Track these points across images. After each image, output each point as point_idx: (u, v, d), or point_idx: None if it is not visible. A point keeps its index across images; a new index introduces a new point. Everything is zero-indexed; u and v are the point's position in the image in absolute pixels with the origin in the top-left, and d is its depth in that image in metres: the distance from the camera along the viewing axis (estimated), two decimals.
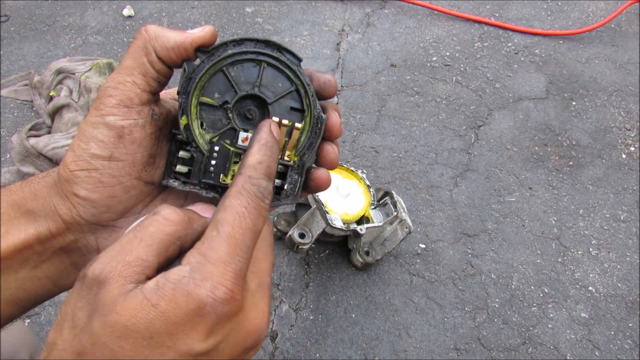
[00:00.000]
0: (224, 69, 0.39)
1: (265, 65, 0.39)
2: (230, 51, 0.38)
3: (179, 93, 0.39)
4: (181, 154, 0.40)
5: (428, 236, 1.67)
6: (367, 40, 2.33)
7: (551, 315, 1.52)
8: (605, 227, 1.73)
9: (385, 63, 2.24)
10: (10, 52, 2.19)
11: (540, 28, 2.41)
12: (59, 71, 1.94)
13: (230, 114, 0.40)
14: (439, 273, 1.58)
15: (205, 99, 0.39)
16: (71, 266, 0.40)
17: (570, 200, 1.80)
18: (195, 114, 0.39)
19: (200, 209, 0.36)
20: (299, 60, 0.39)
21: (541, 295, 1.56)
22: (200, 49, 0.38)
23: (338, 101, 2.07)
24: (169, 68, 0.39)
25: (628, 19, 2.47)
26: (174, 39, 0.37)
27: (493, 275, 1.59)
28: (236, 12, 2.43)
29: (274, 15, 2.43)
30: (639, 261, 1.64)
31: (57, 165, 0.40)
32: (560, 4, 2.56)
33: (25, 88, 2.03)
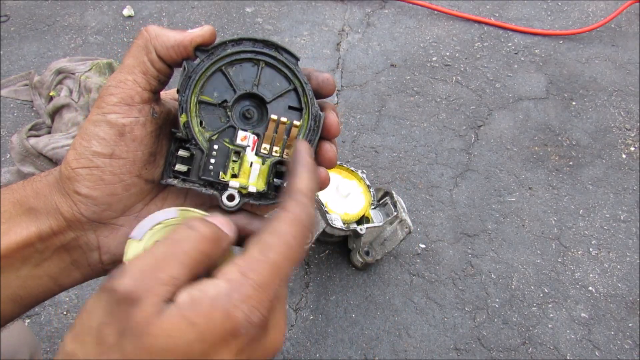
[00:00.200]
0: (223, 68, 0.39)
1: (264, 64, 0.40)
2: (229, 50, 0.39)
3: (178, 91, 0.39)
4: (180, 152, 0.40)
5: (428, 236, 1.67)
6: (367, 40, 2.33)
7: (551, 315, 1.52)
8: (605, 227, 1.73)
9: (385, 63, 2.24)
10: (10, 52, 2.19)
11: (540, 28, 2.41)
12: (59, 71, 1.94)
13: (229, 113, 0.40)
14: (439, 273, 1.58)
15: (205, 98, 0.40)
16: (71, 264, 0.40)
17: (570, 200, 1.80)
18: (195, 112, 0.39)
19: (220, 222, 0.35)
20: (297, 60, 0.40)
21: (541, 295, 1.56)
22: (200, 48, 0.38)
23: (338, 101, 2.08)
24: (169, 67, 0.39)
25: (628, 19, 2.47)
26: (174, 38, 0.38)
27: (493, 275, 1.59)
28: (236, 12, 2.43)
29: (274, 15, 2.43)
30: (639, 261, 1.64)
31: (58, 165, 0.40)
32: (560, 4, 2.56)
33: (25, 88, 2.03)
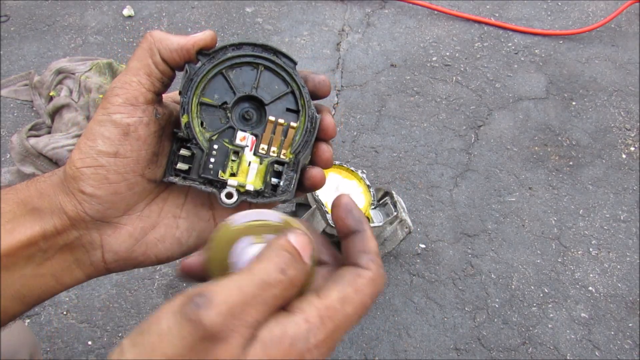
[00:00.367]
0: (224, 71, 0.41)
1: (263, 68, 0.42)
2: (229, 54, 0.41)
3: (180, 93, 0.41)
4: (182, 152, 0.42)
5: (428, 236, 1.67)
6: (367, 40, 2.33)
7: (551, 315, 1.52)
8: (605, 227, 1.73)
9: (385, 63, 2.24)
10: (10, 52, 2.19)
11: (540, 28, 2.41)
12: (59, 71, 1.94)
13: (229, 114, 0.42)
14: (439, 273, 1.58)
15: (206, 100, 0.41)
16: (74, 263, 0.41)
17: (570, 200, 1.80)
18: (196, 113, 0.41)
19: (302, 245, 0.34)
20: (294, 63, 0.42)
21: (541, 295, 1.56)
22: (202, 52, 0.40)
23: (338, 101, 2.08)
24: (172, 70, 0.41)
25: (628, 19, 2.47)
26: (178, 42, 0.39)
27: (493, 275, 1.59)
28: (236, 12, 2.43)
29: (274, 15, 2.43)
30: (639, 261, 1.64)
31: (57, 165, 0.41)
32: (560, 4, 2.56)
33: (25, 88, 2.03)
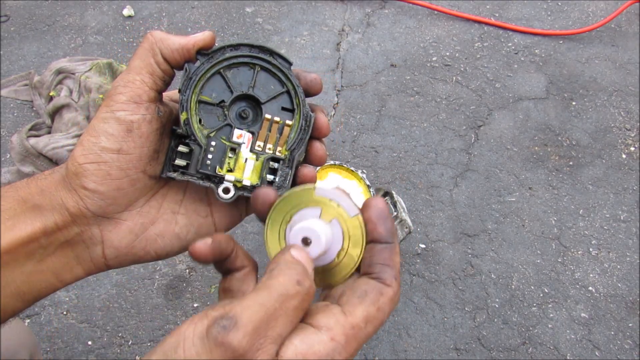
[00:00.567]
0: (222, 71, 0.43)
1: (259, 68, 0.43)
2: (227, 55, 0.42)
3: (180, 91, 0.42)
4: (180, 148, 0.43)
5: (428, 236, 1.67)
6: (367, 40, 2.33)
7: (551, 315, 1.52)
8: (605, 227, 1.73)
9: (385, 63, 2.24)
10: (10, 52, 2.19)
11: (540, 28, 2.41)
12: (59, 71, 1.94)
13: (226, 112, 0.43)
14: (439, 273, 1.58)
15: (204, 98, 0.43)
16: (74, 260, 0.41)
17: (570, 200, 1.80)
18: (195, 110, 0.42)
19: (307, 261, 0.35)
20: (290, 64, 0.43)
21: (541, 295, 1.56)
22: (201, 52, 0.42)
23: (338, 101, 2.08)
24: (172, 69, 0.42)
25: (628, 19, 2.47)
26: (178, 42, 0.41)
27: (493, 275, 1.59)
28: (236, 12, 2.43)
29: (274, 15, 2.43)
30: (639, 261, 1.64)
31: (57, 165, 0.41)
32: (560, 4, 2.56)
33: (25, 88, 2.03)
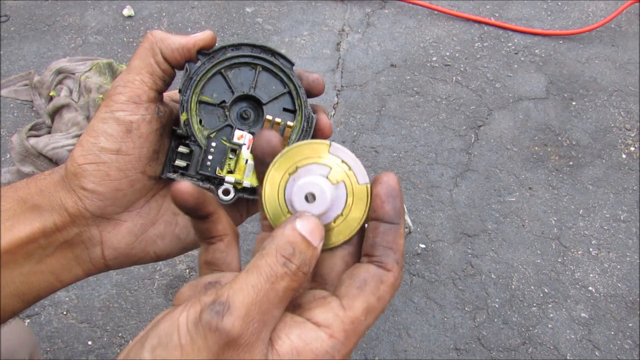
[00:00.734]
0: (223, 71, 0.42)
1: (261, 69, 0.42)
2: (228, 54, 0.42)
3: (180, 91, 0.41)
4: (180, 149, 0.42)
5: (428, 236, 1.67)
6: (367, 40, 2.33)
7: (551, 315, 1.52)
8: (605, 227, 1.73)
9: (385, 63, 2.24)
10: (10, 52, 2.19)
11: (540, 28, 2.41)
12: (59, 71, 1.94)
13: (227, 113, 0.43)
14: (439, 273, 1.58)
15: (205, 98, 0.42)
16: (73, 260, 0.41)
17: (570, 200, 1.80)
18: (195, 111, 0.42)
19: (310, 230, 0.33)
20: (292, 65, 0.42)
21: (541, 295, 1.56)
22: (202, 52, 0.41)
23: (338, 101, 2.08)
24: (173, 69, 0.41)
25: (628, 19, 2.47)
26: (179, 41, 0.40)
27: (493, 275, 1.59)
28: (236, 12, 2.43)
29: (274, 15, 2.43)
30: (639, 261, 1.64)
31: (57, 165, 0.41)
32: (560, 4, 2.56)
33: (25, 88, 2.03)
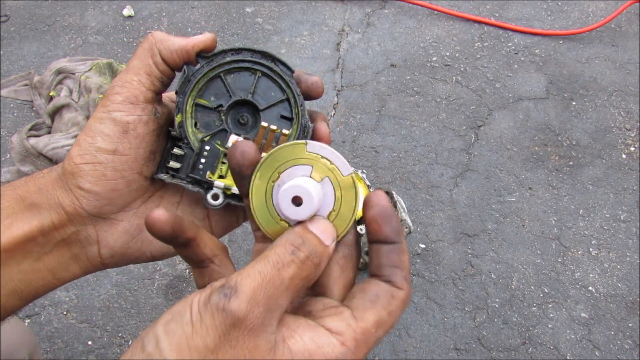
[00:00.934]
0: (222, 74, 0.42)
1: (260, 74, 0.42)
2: (228, 59, 0.41)
3: (176, 92, 0.41)
4: (175, 150, 0.42)
5: (428, 236, 1.67)
6: (367, 40, 2.33)
7: (551, 315, 1.52)
8: (605, 227, 1.73)
9: (385, 63, 2.24)
10: (10, 52, 2.19)
11: (540, 28, 2.41)
12: (59, 71, 1.94)
13: (223, 117, 0.42)
14: (439, 273, 1.58)
15: (201, 101, 0.42)
16: (71, 258, 0.41)
17: (570, 200, 1.79)
18: (190, 113, 0.42)
19: (321, 230, 0.34)
20: (292, 72, 0.42)
21: (541, 295, 1.56)
22: (201, 54, 0.41)
23: (338, 101, 2.08)
24: (171, 70, 0.41)
25: (628, 19, 2.47)
26: (178, 43, 0.40)
27: (493, 275, 1.59)
28: (236, 12, 2.43)
29: (274, 15, 2.43)
30: (639, 261, 1.64)
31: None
32: (560, 4, 2.56)
33: (25, 88, 2.03)
